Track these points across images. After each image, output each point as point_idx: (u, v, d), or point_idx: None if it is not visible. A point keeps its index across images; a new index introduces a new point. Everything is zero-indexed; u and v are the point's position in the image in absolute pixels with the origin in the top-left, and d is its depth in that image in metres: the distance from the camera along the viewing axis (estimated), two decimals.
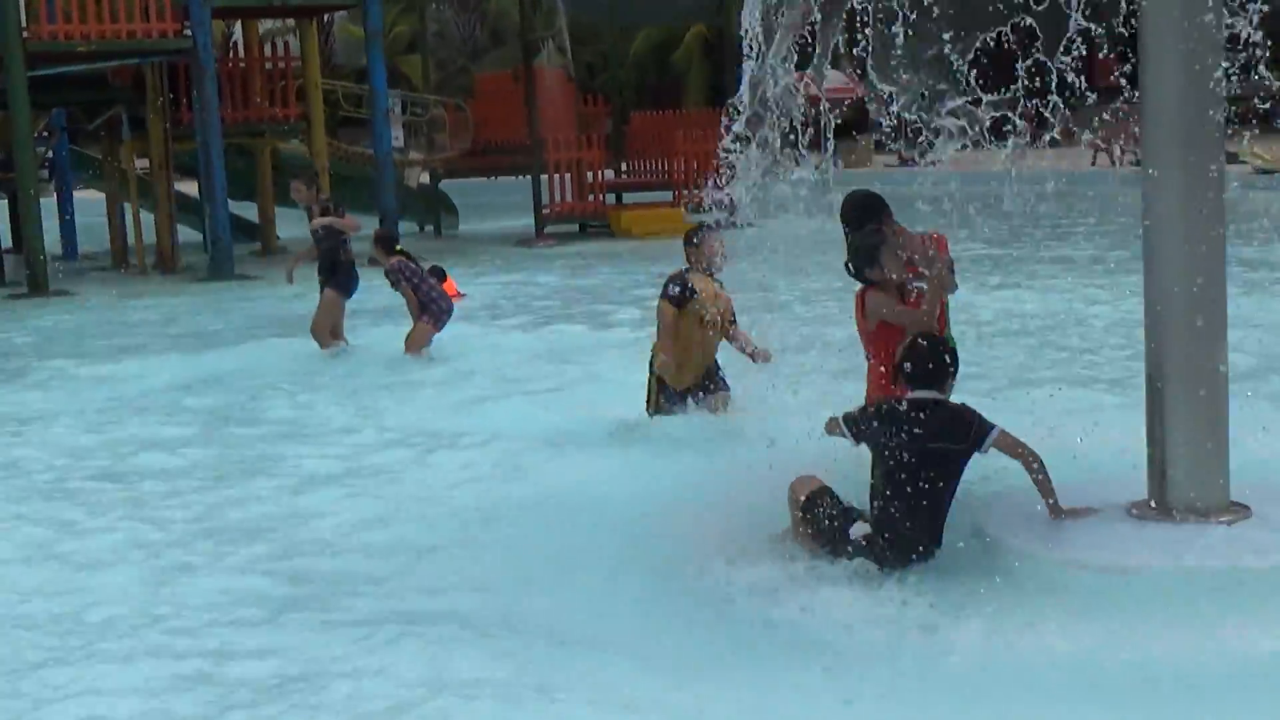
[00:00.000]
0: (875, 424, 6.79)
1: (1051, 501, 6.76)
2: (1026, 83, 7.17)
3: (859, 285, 7.64)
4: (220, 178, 22.95)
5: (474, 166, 31.04)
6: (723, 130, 7.59)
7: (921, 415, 6.68)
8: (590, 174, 28.05)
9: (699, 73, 61.07)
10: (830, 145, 7.94)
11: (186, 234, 27.13)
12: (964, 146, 7.51)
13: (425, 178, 31.56)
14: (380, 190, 24.80)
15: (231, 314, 18.86)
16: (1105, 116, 7.86)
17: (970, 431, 6.66)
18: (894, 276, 7.54)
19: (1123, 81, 6.94)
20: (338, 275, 14.10)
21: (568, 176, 27.62)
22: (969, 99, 7.29)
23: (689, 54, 61.45)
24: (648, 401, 10.09)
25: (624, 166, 31.48)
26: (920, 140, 7.54)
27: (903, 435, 6.63)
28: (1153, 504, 6.86)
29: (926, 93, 7.55)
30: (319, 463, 9.99)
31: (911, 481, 6.59)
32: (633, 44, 61.08)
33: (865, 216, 7.85)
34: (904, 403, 6.77)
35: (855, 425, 6.90)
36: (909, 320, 7.43)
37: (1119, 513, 6.88)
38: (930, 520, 6.67)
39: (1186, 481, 6.75)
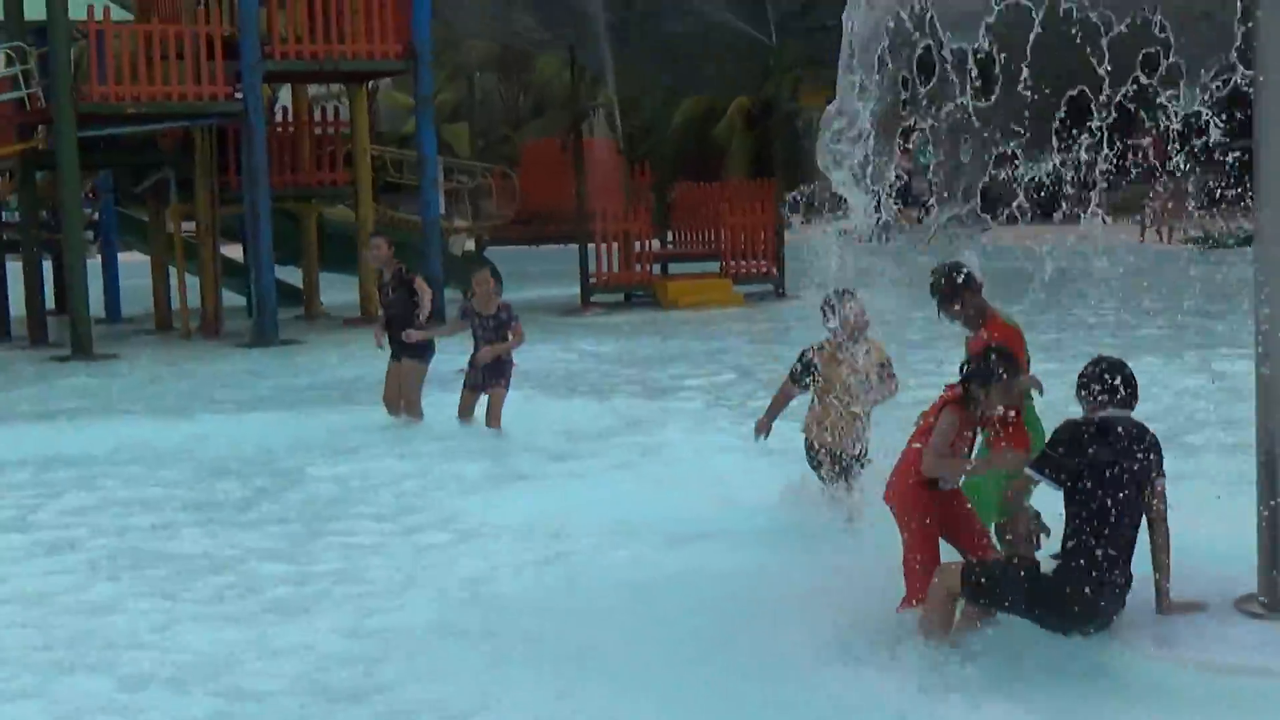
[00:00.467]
0: (1094, 449, 6.31)
1: (1166, 588, 6.44)
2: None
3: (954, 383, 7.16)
4: (267, 241, 22.83)
5: (519, 235, 30.88)
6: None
7: (1144, 432, 6.43)
8: (638, 244, 27.83)
9: (741, 144, 61.06)
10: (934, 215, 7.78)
11: (231, 298, 27.02)
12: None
13: (470, 245, 31.40)
14: (427, 256, 24.62)
15: (276, 378, 18.65)
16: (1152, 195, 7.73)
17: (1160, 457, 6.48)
18: (992, 411, 7.09)
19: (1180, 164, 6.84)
20: (420, 344, 13.70)
21: (615, 246, 27.40)
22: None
23: (731, 126, 61.49)
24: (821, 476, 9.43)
25: (669, 237, 31.30)
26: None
27: (1138, 454, 6.34)
28: (1263, 599, 6.51)
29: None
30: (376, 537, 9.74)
31: (1126, 505, 6.28)
32: (674, 115, 61.26)
33: (955, 291, 7.79)
34: (1113, 423, 6.39)
35: (1055, 464, 6.36)
36: (970, 465, 7.17)
37: (1226, 607, 6.54)
38: (1131, 549, 6.35)
39: None
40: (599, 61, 30.56)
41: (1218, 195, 8.21)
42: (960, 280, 7.88)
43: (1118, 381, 6.44)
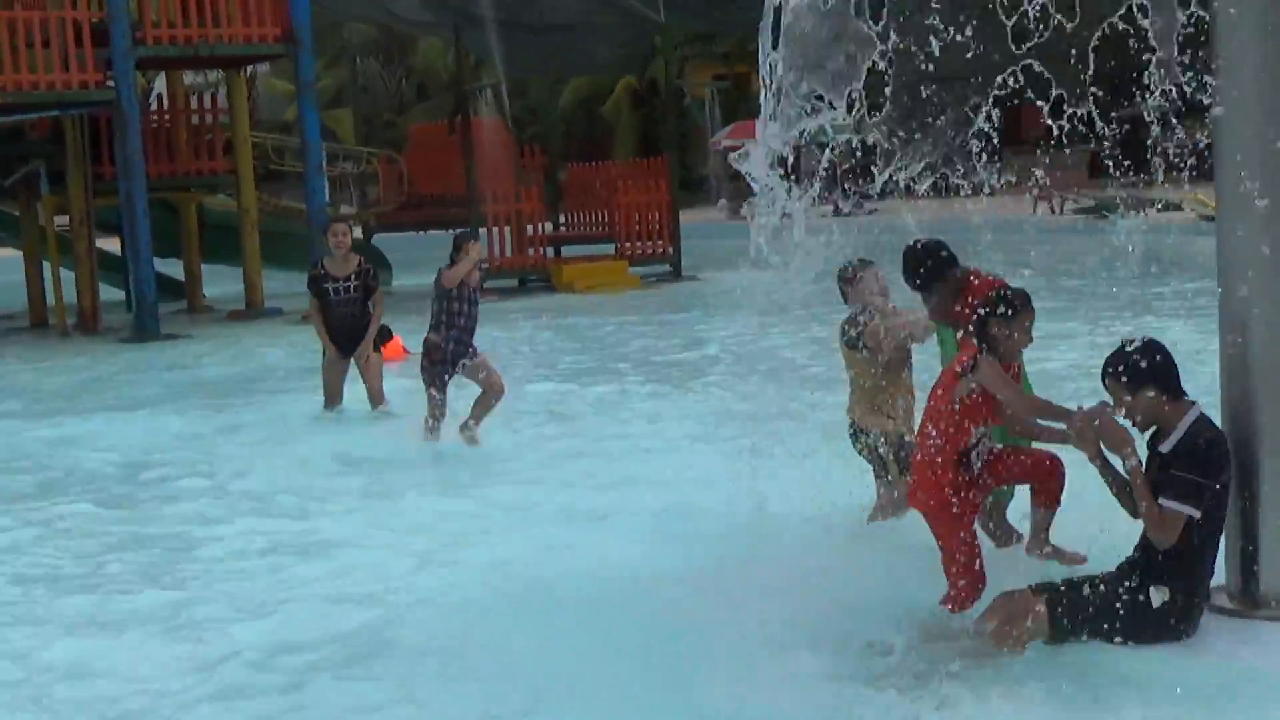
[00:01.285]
0: (1225, 466, 5.83)
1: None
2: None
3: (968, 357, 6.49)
4: (144, 233, 21.95)
5: (407, 220, 30.13)
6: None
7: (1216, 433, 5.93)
8: (530, 227, 27.24)
9: (629, 124, 60.70)
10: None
11: (109, 293, 26.07)
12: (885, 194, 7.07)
13: (358, 232, 30.57)
14: (314, 246, 23.83)
15: (157, 376, 17.87)
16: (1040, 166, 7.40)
17: None
18: (1022, 348, 6.55)
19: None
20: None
21: (507, 230, 26.77)
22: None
23: (618, 106, 61.04)
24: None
25: (561, 219, 30.72)
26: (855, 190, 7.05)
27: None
28: (1232, 592, 6.15)
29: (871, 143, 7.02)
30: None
31: (1211, 518, 5.82)
32: (561, 96, 60.65)
33: (935, 271, 7.14)
34: (1200, 429, 5.85)
35: (1195, 489, 5.76)
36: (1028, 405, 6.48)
37: None
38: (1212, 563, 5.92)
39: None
40: (484, 43, 29.82)
41: (1106, 166, 7.88)
42: (945, 256, 7.20)
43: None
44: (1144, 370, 5.86)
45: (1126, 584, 5.82)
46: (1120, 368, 5.91)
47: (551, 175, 30.92)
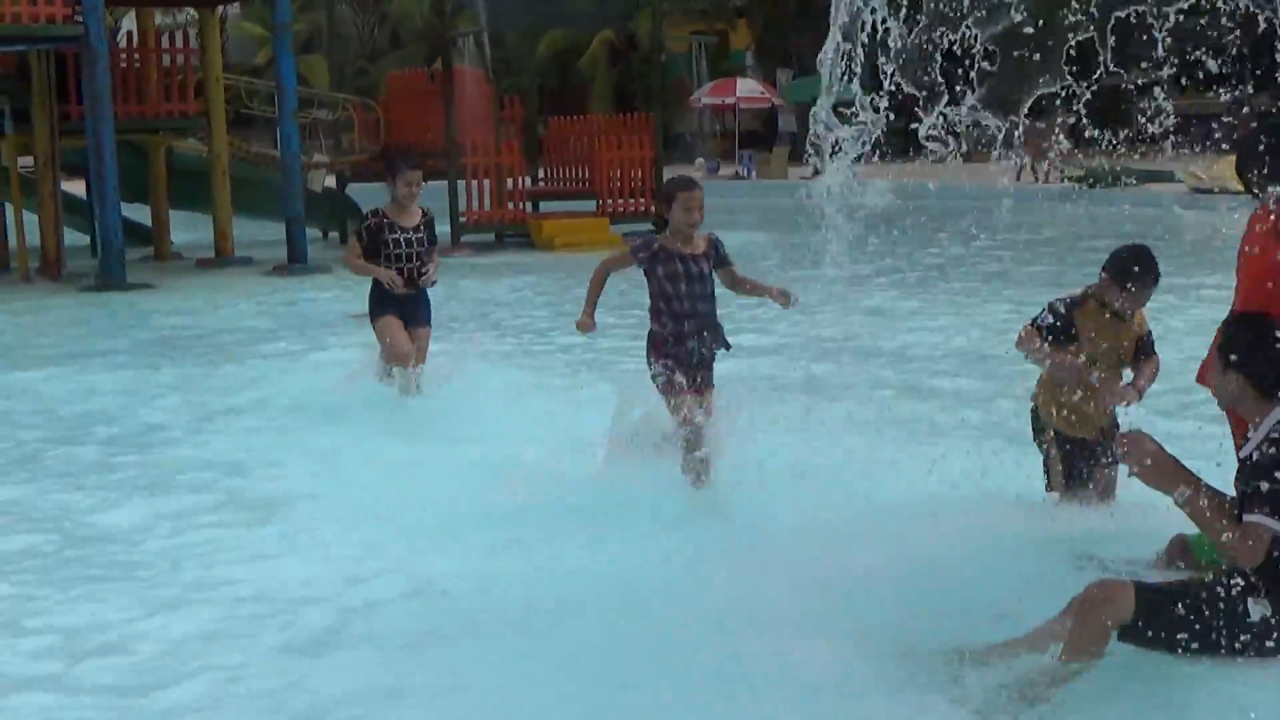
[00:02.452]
0: None
1: None
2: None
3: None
4: (112, 177, 21.05)
5: (383, 170, 29.20)
6: None
7: None
8: (510, 181, 26.45)
9: (605, 79, 59.92)
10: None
11: (74, 237, 25.25)
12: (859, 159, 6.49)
13: (331, 181, 29.72)
14: (287, 194, 23.06)
15: (124, 326, 17.10)
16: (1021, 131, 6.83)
17: None
18: None
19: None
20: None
21: (486, 183, 25.97)
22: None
23: (595, 60, 60.19)
24: (1047, 473, 7.17)
25: (540, 174, 29.91)
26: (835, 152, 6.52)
27: None
28: None
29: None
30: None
31: None
32: (536, 49, 59.69)
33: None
34: None
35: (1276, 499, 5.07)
36: None
37: None
38: None
39: None
40: None
41: (1087, 134, 7.43)
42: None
43: None
44: (1239, 351, 5.25)
45: (1223, 592, 5.15)
46: (1224, 341, 5.31)
47: (529, 128, 30.06)
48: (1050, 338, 6.85)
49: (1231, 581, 5.13)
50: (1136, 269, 6.73)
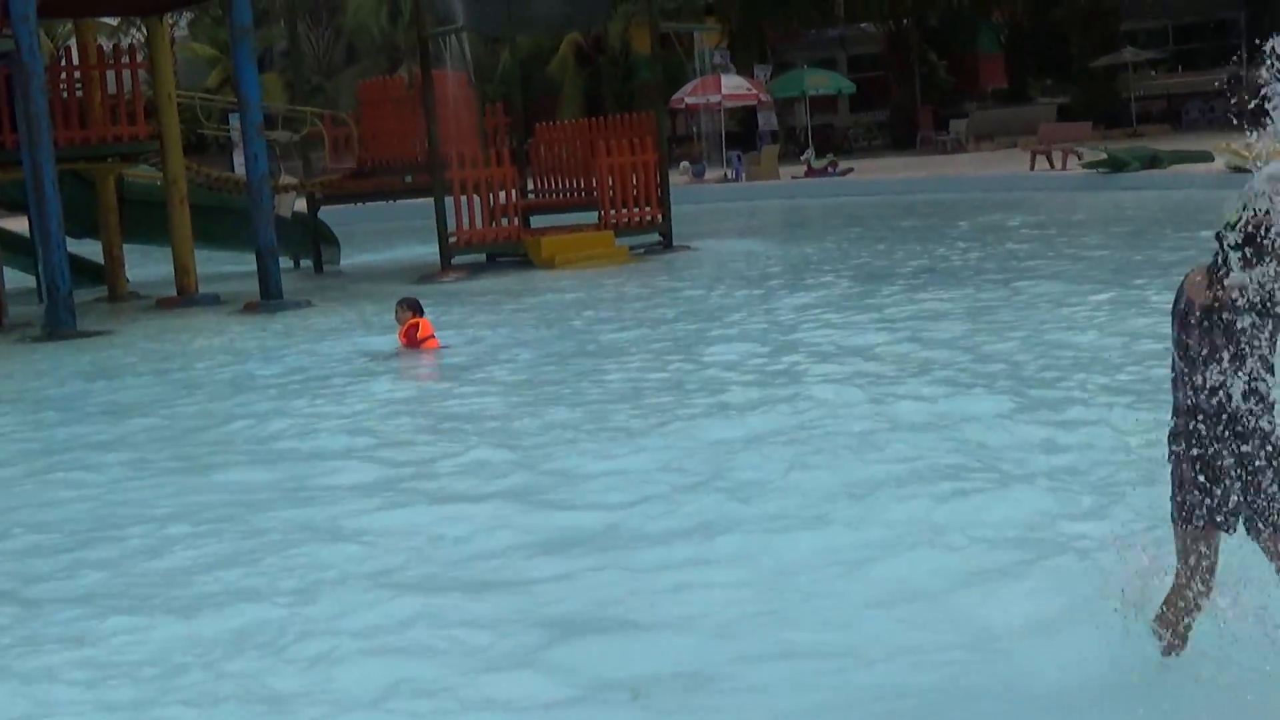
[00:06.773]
0: None
1: None
2: None
3: None
4: (55, 211, 18.44)
5: (360, 189, 26.59)
6: None
7: None
8: (502, 194, 23.84)
9: (574, 84, 57.58)
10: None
11: (18, 279, 22.78)
12: None
13: (301, 205, 27.02)
14: (257, 221, 20.41)
15: (67, 383, 14.52)
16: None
17: None
18: None
19: None
20: None
21: (476, 199, 23.34)
22: None
23: (564, 65, 57.77)
24: None
25: (529, 185, 27.28)
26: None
27: None
28: None
29: None
30: None
31: None
32: (501, 56, 57.22)
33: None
34: None
35: None
36: None
37: None
38: None
39: None
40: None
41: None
42: None
43: None
44: None
45: None
46: None
47: (515, 136, 27.47)
48: None
49: None
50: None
